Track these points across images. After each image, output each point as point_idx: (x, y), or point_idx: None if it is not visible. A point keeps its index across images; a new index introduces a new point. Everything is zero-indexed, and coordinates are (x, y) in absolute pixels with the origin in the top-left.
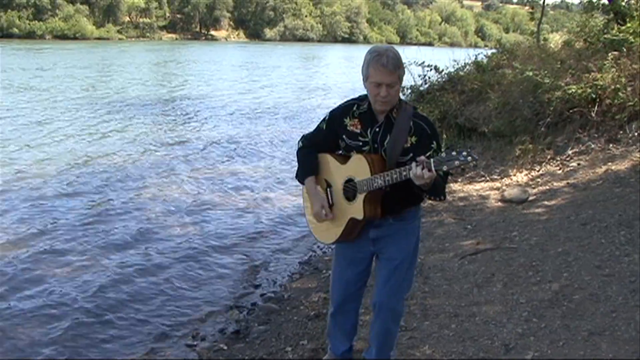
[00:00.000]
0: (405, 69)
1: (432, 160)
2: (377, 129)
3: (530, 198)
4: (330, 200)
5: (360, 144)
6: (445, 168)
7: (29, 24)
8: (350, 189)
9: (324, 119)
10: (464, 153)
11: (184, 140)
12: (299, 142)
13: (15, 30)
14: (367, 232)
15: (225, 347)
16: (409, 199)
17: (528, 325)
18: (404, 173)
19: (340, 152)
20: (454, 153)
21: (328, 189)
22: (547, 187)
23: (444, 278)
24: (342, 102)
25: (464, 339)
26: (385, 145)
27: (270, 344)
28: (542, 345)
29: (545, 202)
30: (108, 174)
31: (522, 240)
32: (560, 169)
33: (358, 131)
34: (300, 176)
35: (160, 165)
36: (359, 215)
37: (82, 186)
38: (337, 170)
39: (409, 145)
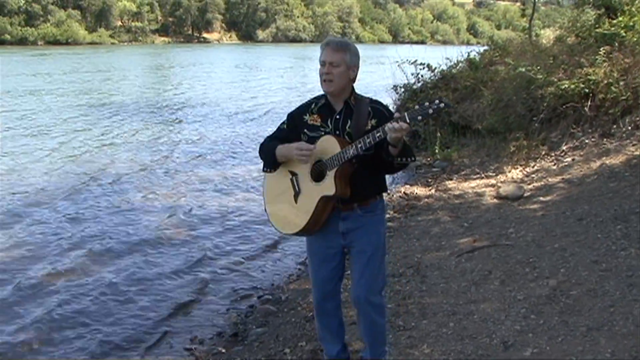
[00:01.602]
0: (398, 68)
1: (406, 113)
2: (338, 117)
3: (526, 194)
4: (297, 188)
5: (323, 134)
6: (420, 118)
7: (21, 30)
8: (319, 169)
9: (283, 121)
10: (436, 101)
11: (177, 143)
12: (260, 144)
13: (7, 36)
14: (337, 225)
15: (224, 350)
16: (375, 182)
17: (526, 322)
18: (378, 134)
19: None
20: (426, 104)
21: (293, 178)
22: (542, 183)
23: (441, 276)
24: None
25: (462, 337)
26: (347, 129)
27: (269, 346)
28: (541, 342)
29: (541, 198)
30: (99, 177)
31: (519, 237)
32: (555, 165)
33: (319, 124)
34: (269, 156)
35: (154, 168)
36: (330, 192)
37: (71, 190)
38: None
39: (369, 127)
